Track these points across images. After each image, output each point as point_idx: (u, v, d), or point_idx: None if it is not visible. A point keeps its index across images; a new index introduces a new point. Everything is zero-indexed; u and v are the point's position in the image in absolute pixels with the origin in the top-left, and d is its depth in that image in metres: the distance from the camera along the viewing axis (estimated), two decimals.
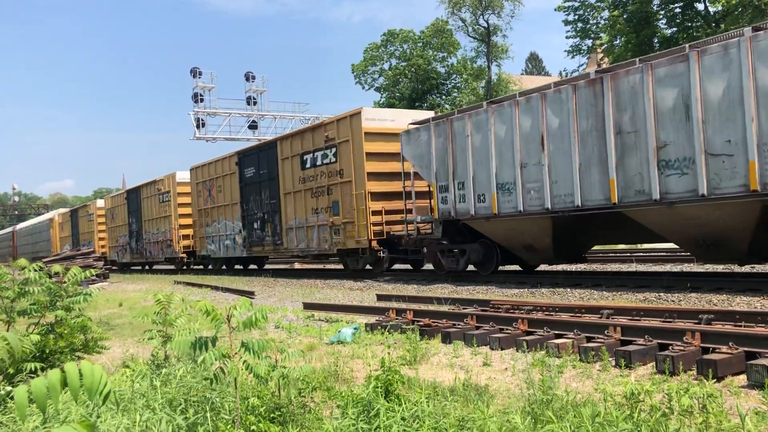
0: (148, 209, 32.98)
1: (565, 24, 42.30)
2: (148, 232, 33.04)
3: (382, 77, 59.72)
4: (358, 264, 19.16)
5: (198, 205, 28.43)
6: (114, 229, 38.48)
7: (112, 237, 38.77)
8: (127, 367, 6.21)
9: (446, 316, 8.71)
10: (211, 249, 27.20)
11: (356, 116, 18.29)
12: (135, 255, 35.15)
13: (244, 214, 24.54)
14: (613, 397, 4.44)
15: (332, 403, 4.76)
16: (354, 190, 18.29)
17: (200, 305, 3.91)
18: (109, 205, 39.38)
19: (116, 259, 38.02)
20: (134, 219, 34.91)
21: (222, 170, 25.98)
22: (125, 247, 36.27)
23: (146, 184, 33.06)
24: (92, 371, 1.91)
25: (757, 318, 6.77)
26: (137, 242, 34.65)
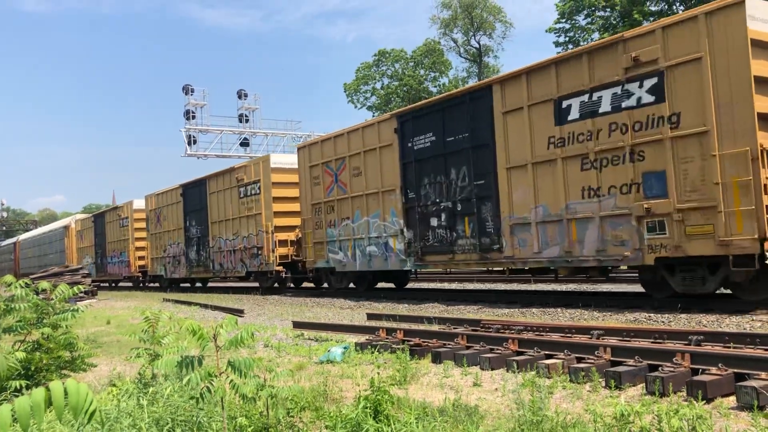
0: (218, 207, 25.67)
1: (555, 45, 42.74)
2: (217, 238, 25.74)
3: (374, 96, 60.06)
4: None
5: (312, 197, 19.90)
6: (159, 236, 30.89)
7: (156, 246, 31.25)
8: (114, 386, 6.14)
9: (437, 336, 8.68)
10: (336, 259, 18.90)
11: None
12: (195, 268, 27.64)
13: (411, 206, 16.03)
14: (603, 418, 4.42)
15: (321, 423, 4.72)
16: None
17: (186, 324, 3.89)
18: (153, 205, 31.70)
19: (163, 274, 30.75)
20: (194, 221, 27.57)
21: (378, 139, 17.25)
22: (178, 258, 28.93)
23: (216, 175, 25.96)
24: (78, 390, 1.89)
25: (747, 339, 6.79)
26: (199, 252, 27.20)
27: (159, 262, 31.02)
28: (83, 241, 42.73)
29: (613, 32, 36.32)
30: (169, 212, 29.81)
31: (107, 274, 37.78)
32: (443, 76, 58.63)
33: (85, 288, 6.85)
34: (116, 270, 36.30)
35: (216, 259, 25.82)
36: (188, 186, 28.20)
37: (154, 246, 31.45)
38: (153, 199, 31.71)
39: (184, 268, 28.47)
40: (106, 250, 38.06)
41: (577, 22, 42.11)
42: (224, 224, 25.03)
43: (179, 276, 29.23)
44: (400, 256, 16.41)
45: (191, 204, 27.81)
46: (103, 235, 38.26)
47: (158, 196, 31.10)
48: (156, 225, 31.15)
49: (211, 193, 26.11)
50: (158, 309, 6.98)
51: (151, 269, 32.01)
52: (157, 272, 31.35)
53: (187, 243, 28.17)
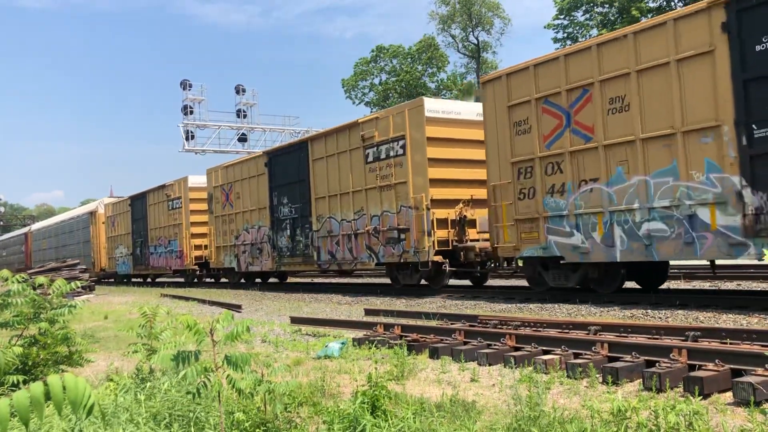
0: (328, 178, 19.06)
1: (554, 42, 42.76)
2: (325, 218, 19.23)
3: (372, 92, 60.03)
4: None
5: (514, 152, 13.71)
6: (229, 219, 24.38)
7: (224, 231, 24.76)
8: (112, 381, 6.14)
9: (434, 332, 8.69)
10: (565, 244, 12.66)
11: None
12: (287, 259, 21.27)
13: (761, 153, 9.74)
14: (600, 414, 4.43)
15: (318, 419, 4.72)
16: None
17: (183, 319, 3.89)
18: (219, 180, 25.01)
19: (234, 267, 24.33)
20: (287, 197, 21.10)
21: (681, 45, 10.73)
22: (259, 245, 22.59)
23: (327, 134, 19.39)
24: (76, 384, 1.89)
25: (743, 335, 6.81)
26: (294, 237, 20.78)
27: (228, 252, 24.21)
28: (115, 229, 35.96)
29: (611, 28, 36.35)
30: (246, 188, 23.28)
31: (150, 267, 31.52)
32: (442, 72, 58.62)
33: (83, 283, 6.87)
34: (162, 262, 29.87)
35: (323, 246, 19.29)
36: (277, 153, 22.10)
37: (221, 232, 24.77)
38: (219, 173, 25.05)
39: (268, 259, 21.86)
40: (148, 238, 31.38)
41: (575, 19, 42.11)
42: (338, 200, 18.64)
43: (261, 268, 22.73)
44: (730, 236, 10.04)
45: (282, 176, 21.32)
46: (143, 220, 31.78)
47: (228, 168, 24.66)
48: (224, 205, 24.55)
49: (315, 159, 19.53)
50: (156, 304, 6.98)
51: (216, 260, 25.16)
52: (225, 264, 24.62)
53: (274, 226, 21.48)
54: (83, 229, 40.47)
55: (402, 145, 16.26)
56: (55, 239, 46.48)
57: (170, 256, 29.28)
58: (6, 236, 68.77)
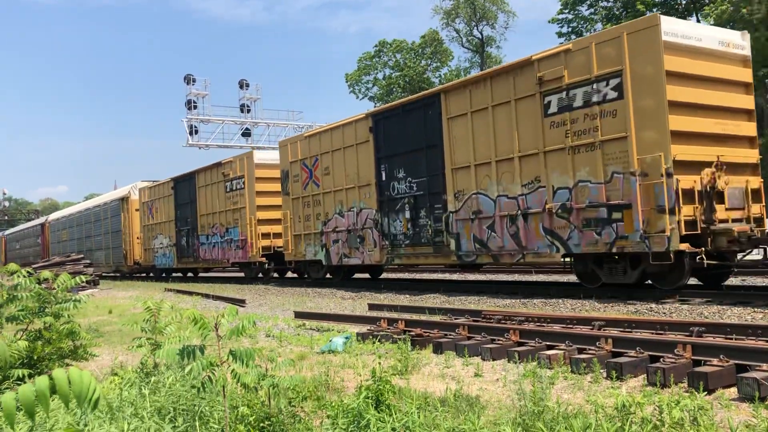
0: (475, 139, 14.40)
1: (558, 36, 42.61)
2: (467, 195, 14.59)
3: (376, 87, 59.96)
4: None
5: None
6: (314, 201, 19.58)
7: (304, 216, 20.00)
8: (116, 375, 6.16)
9: (438, 327, 8.70)
10: None
11: None
12: (404, 248, 16.38)
13: None
14: (604, 409, 4.43)
15: (322, 413, 4.73)
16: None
17: (188, 313, 3.89)
18: (298, 154, 20.28)
19: (322, 259, 19.41)
20: (404, 171, 16.31)
21: None
22: (358, 233, 17.84)
23: (468, 83, 14.75)
24: (81, 377, 1.89)
25: (748, 331, 6.79)
26: (415, 220, 16.03)
27: (312, 242, 19.63)
28: (152, 216, 31.02)
29: (616, 22, 36.21)
30: (340, 161, 18.44)
31: (200, 260, 26.79)
32: (445, 66, 58.49)
33: (87, 278, 6.86)
34: (217, 254, 25.21)
35: (465, 232, 14.53)
36: (388, 114, 16.92)
37: (301, 216, 20.19)
38: (300, 144, 20.27)
39: (374, 250, 17.22)
40: (197, 226, 26.57)
41: (580, 13, 41.96)
42: (492, 169, 13.87)
43: (363, 261, 17.95)
44: None
45: (397, 142, 16.31)
46: (191, 205, 27.08)
47: (312, 138, 19.77)
48: (305, 184, 20.00)
49: (453, 117, 14.78)
50: (160, 299, 7.00)
51: (294, 252, 20.49)
52: (308, 256, 19.99)
53: (383, 208, 16.84)
54: (112, 217, 35.62)
55: (616, 86, 11.54)
56: (78, 229, 41.90)
57: (228, 247, 24.41)
58: (19, 228, 63.53)
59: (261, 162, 23.23)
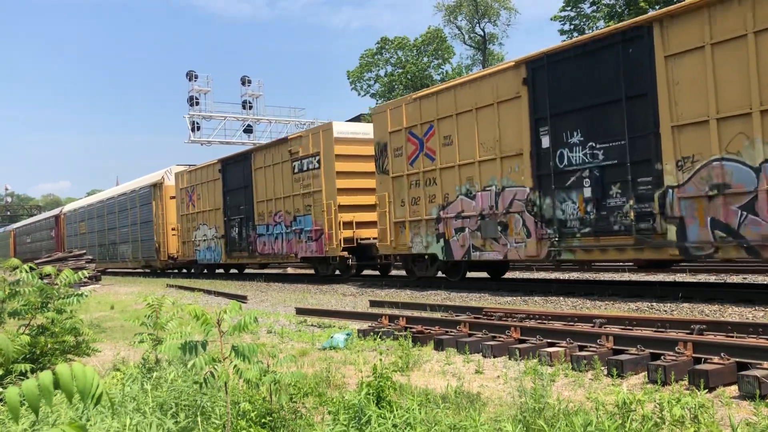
0: None
1: (560, 33, 42.52)
2: (705, 161, 10.40)
3: (378, 84, 59.93)
4: None
5: None
6: (426, 179, 15.79)
7: (410, 199, 16.19)
8: (118, 370, 6.17)
9: (439, 323, 8.71)
10: None
11: None
12: (579, 237, 12.39)
13: None
14: (605, 406, 4.44)
15: (324, 409, 4.74)
16: None
17: (190, 309, 3.90)
18: (404, 121, 16.32)
19: (438, 253, 15.40)
20: (585, 132, 12.29)
21: None
22: (499, 219, 13.95)
23: (698, 5, 10.39)
24: (84, 372, 1.90)
25: (749, 329, 6.80)
26: (607, 201, 11.90)
27: (423, 231, 15.70)
28: (193, 204, 27.10)
29: (618, 20, 36.14)
30: (472, 125, 14.33)
31: (256, 254, 22.75)
32: (447, 63, 58.44)
33: (89, 273, 6.88)
34: (281, 247, 21.27)
35: (695, 214, 10.59)
36: (550, 59, 12.82)
37: (405, 200, 16.22)
38: (406, 110, 16.19)
39: (524, 241, 13.27)
40: (254, 214, 22.69)
41: (582, 10, 41.87)
42: (737, 124, 10.04)
43: (505, 256, 13.87)
44: None
45: (577, 92, 12.31)
46: (246, 190, 23.13)
47: (423, 100, 15.71)
48: (413, 159, 16.00)
49: (673, 55, 10.84)
50: (161, 295, 7.01)
51: (393, 243, 16.53)
52: (415, 249, 16.02)
53: (541, 185, 12.91)
54: (141, 206, 31.92)
55: None
56: (99, 221, 38.14)
57: (297, 239, 20.43)
58: (30, 221, 59.55)
59: (342, 136, 19.32)
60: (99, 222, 38.25)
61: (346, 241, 18.87)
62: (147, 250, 31.49)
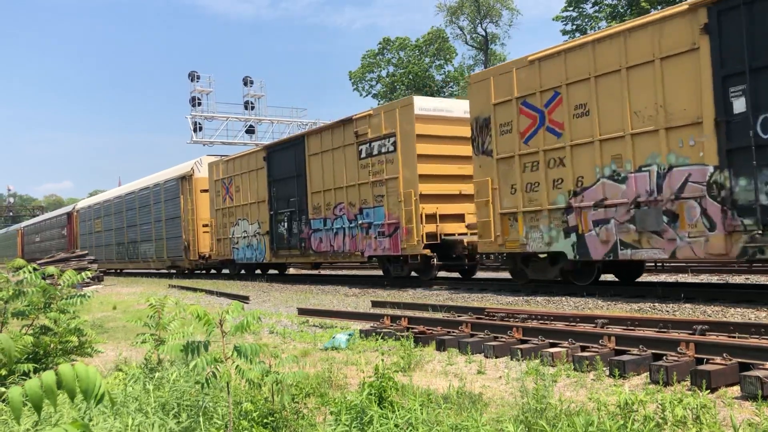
0: None
1: (563, 34, 42.50)
2: None
3: (380, 84, 59.94)
4: None
5: None
6: (551, 159, 12.79)
7: (522, 185, 13.30)
8: (120, 371, 6.19)
9: (441, 324, 8.71)
10: None
11: None
12: None
13: None
14: (607, 407, 4.44)
15: (325, 410, 4.75)
16: None
17: (192, 309, 3.90)
18: (515, 89, 13.31)
19: (568, 252, 12.44)
20: None
21: None
22: (662, 205, 10.90)
23: None
24: (87, 373, 1.91)
25: (751, 329, 6.79)
26: None
27: (543, 223, 12.88)
28: (230, 197, 24.32)
29: (620, 20, 36.12)
30: (619, 88, 11.56)
31: (310, 252, 19.96)
32: (449, 64, 58.44)
33: (92, 274, 6.91)
34: (343, 244, 18.53)
35: None
36: (729, 1, 9.97)
37: (513, 184, 13.42)
38: (513, 76, 13.36)
39: (712, 234, 10.27)
40: (306, 207, 19.98)
41: (584, 11, 41.85)
42: None
43: (678, 254, 10.81)
44: None
45: None
46: (297, 179, 20.39)
47: (544, 63, 12.82)
48: (528, 135, 13.12)
49: None
50: (164, 295, 7.03)
51: (500, 239, 13.73)
52: (532, 246, 13.15)
53: (739, 163, 9.96)
54: (167, 201, 29.24)
55: None
56: (117, 218, 35.47)
57: (363, 235, 17.73)
58: (40, 219, 56.72)
59: (425, 113, 16.39)
60: (117, 219, 35.63)
61: (429, 237, 16.05)
62: (173, 248, 28.87)
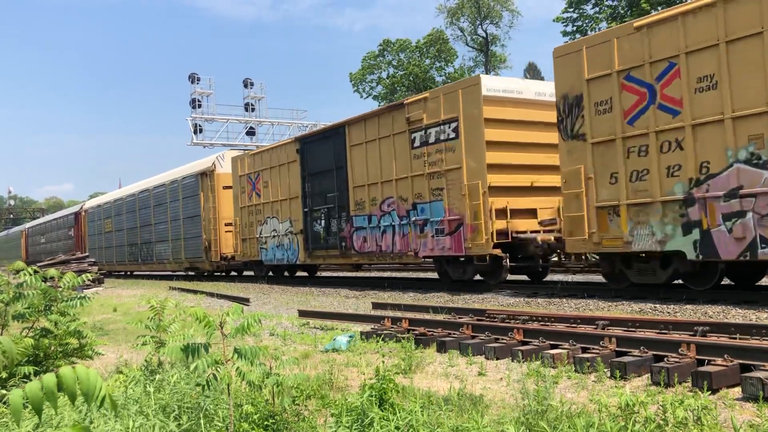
0: None
1: (563, 35, 42.48)
2: None
3: (380, 86, 59.96)
4: None
5: None
6: (657, 143, 10.87)
7: (628, 172, 11.31)
8: (121, 373, 6.19)
9: (442, 325, 8.70)
10: None
11: None
12: None
13: None
14: (608, 408, 4.43)
15: (326, 412, 4.74)
16: None
17: (192, 311, 3.91)
18: (613, 62, 11.37)
19: (688, 250, 10.54)
20: None
21: None
22: None
23: None
24: (88, 375, 1.91)
25: (752, 330, 6.78)
26: None
27: (652, 217, 11.04)
28: (258, 194, 22.42)
29: (621, 21, 36.13)
30: (763, 54, 9.43)
31: (351, 252, 18.10)
32: (449, 65, 58.45)
33: (92, 276, 6.90)
34: (393, 244, 16.55)
35: None
36: None
37: (615, 172, 11.54)
38: (613, 46, 11.41)
39: None
40: (347, 203, 17.98)
41: (585, 12, 41.86)
42: None
43: None
44: None
45: None
46: (337, 172, 18.45)
47: (656, 27, 10.84)
48: (636, 113, 11.20)
49: None
50: (164, 297, 7.03)
51: (595, 237, 11.87)
52: (638, 244, 11.28)
53: None
54: (185, 198, 27.40)
55: None
56: (129, 217, 33.59)
57: (417, 233, 15.72)
58: (44, 219, 54.40)
59: (493, 95, 14.39)
60: (129, 218, 33.57)
61: (498, 235, 13.98)
62: (192, 249, 26.94)
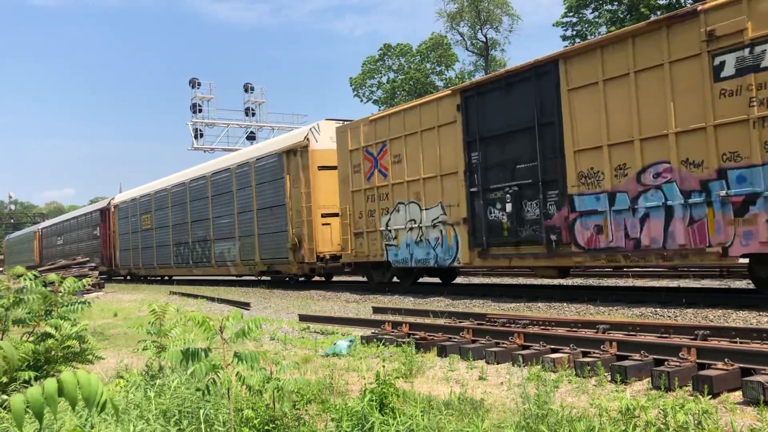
0: None
1: (563, 39, 42.57)
2: None
3: (380, 90, 60.05)
4: None
5: None
6: None
7: None
8: (122, 378, 6.18)
9: (442, 330, 8.70)
10: None
11: None
12: None
13: None
14: (609, 413, 4.43)
15: (327, 416, 4.74)
16: None
17: (192, 316, 3.91)
18: None
19: None
20: None
21: None
22: None
23: None
24: (88, 380, 1.91)
25: (753, 334, 6.78)
26: None
27: None
28: (381, 173, 16.63)
29: (620, 26, 36.17)
30: None
31: (571, 249, 12.05)
32: (450, 70, 58.55)
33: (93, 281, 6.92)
34: (667, 235, 10.46)
35: None
36: None
37: None
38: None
39: None
40: (563, 176, 12.14)
41: (584, 16, 41.94)
42: None
43: None
44: None
45: None
46: (539, 132, 12.63)
47: None
48: None
49: None
50: (165, 302, 7.03)
51: None
52: None
53: None
54: (263, 184, 21.82)
55: None
56: (176, 211, 27.89)
57: (726, 216, 9.76)
58: (62, 218, 47.70)
59: None
60: (177, 212, 27.73)
61: None
62: (272, 248, 21.42)
